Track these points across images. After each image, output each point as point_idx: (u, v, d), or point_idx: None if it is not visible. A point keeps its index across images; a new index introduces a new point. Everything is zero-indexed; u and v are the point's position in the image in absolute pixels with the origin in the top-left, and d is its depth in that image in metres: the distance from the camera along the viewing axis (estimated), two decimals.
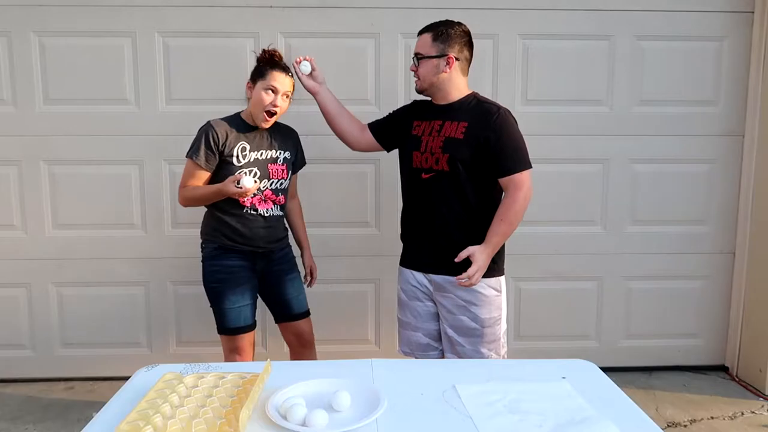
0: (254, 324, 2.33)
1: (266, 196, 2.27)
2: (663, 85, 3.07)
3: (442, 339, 2.18)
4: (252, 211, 2.25)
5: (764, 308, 3.04)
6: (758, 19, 3.03)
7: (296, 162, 2.41)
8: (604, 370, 1.63)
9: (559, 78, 3.03)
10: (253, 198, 2.23)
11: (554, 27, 3.00)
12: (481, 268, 2.01)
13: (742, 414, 2.81)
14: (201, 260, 2.31)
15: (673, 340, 3.26)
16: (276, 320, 2.45)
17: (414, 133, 2.17)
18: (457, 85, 2.11)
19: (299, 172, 2.51)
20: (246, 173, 2.20)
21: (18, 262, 3.03)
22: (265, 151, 2.27)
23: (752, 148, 3.09)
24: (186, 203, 2.27)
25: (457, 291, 2.09)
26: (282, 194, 2.32)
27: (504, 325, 2.16)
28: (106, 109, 2.94)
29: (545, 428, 1.28)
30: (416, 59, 2.12)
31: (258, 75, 2.21)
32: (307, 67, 2.28)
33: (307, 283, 2.54)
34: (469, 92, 2.15)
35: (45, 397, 2.95)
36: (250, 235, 2.25)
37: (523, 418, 1.32)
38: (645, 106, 3.08)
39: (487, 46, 2.95)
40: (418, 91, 2.18)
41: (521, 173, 2.04)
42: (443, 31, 2.07)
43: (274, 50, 2.25)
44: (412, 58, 2.14)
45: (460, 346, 2.11)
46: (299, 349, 2.46)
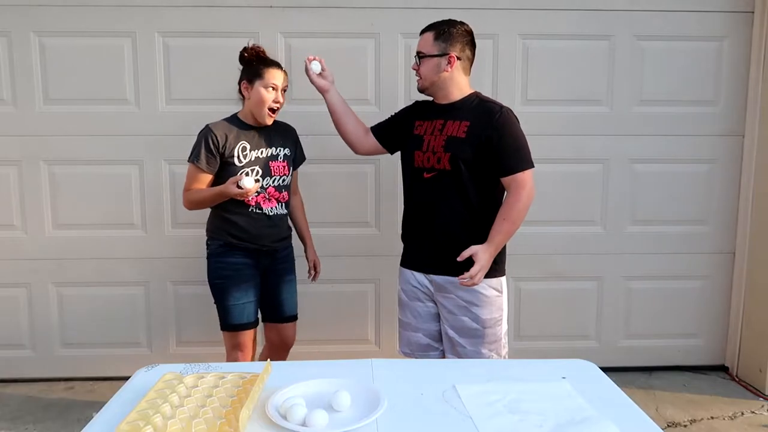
0: (257, 321, 2.37)
1: (269, 193, 2.29)
2: (663, 85, 3.07)
3: (443, 340, 2.18)
4: (257, 210, 2.28)
5: (764, 308, 3.04)
6: (758, 19, 3.03)
7: (296, 158, 2.44)
8: (604, 370, 1.62)
9: (559, 78, 3.03)
10: (257, 196, 2.25)
11: (554, 27, 3.00)
12: (483, 268, 2.00)
13: (742, 414, 2.81)
14: (206, 257, 2.34)
15: (673, 340, 3.26)
16: (263, 319, 2.47)
17: (416, 133, 2.16)
18: (458, 85, 2.11)
19: (300, 172, 2.53)
20: (248, 172, 2.23)
21: (18, 262, 3.03)
22: (265, 149, 2.29)
23: (752, 148, 3.09)
24: (191, 206, 2.31)
25: (457, 291, 2.08)
26: (285, 191, 2.35)
27: (505, 326, 2.16)
28: (106, 109, 2.94)
29: (545, 428, 1.28)
30: (418, 58, 2.12)
31: (254, 75, 2.23)
32: (317, 66, 2.28)
33: (311, 277, 2.58)
34: (471, 91, 2.14)
35: (45, 397, 2.95)
36: (255, 234, 2.28)
37: (523, 418, 1.32)
38: (645, 106, 3.08)
39: (487, 46, 2.95)
40: (420, 90, 2.17)
41: (524, 172, 2.04)
42: (445, 30, 2.07)
43: (258, 46, 2.28)
44: (414, 56, 2.14)
45: (461, 347, 2.11)
46: (278, 350, 2.50)
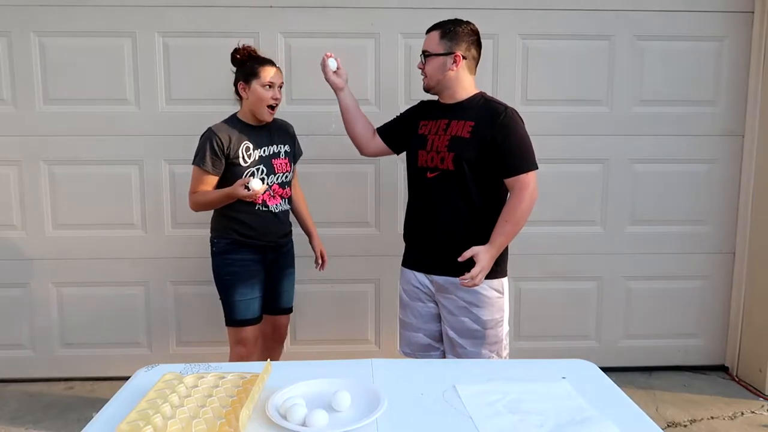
0: (261, 317, 2.41)
1: (274, 190, 2.35)
2: (663, 85, 3.06)
3: (444, 340, 2.17)
4: (263, 208, 2.32)
5: (764, 308, 3.04)
6: (758, 19, 3.03)
7: (295, 154, 2.49)
8: (604, 370, 1.62)
9: (559, 78, 3.03)
10: (263, 194, 2.28)
11: (554, 27, 3.00)
12: (484, 269, 1.98)
13: (742, 414, 2.81)
14: (211, 255, 2.38)
15: (673, 340, 3.26)
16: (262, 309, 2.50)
17: (420, 132, 2.15)
18: (463, 84, 2.10)
19: (300, 172, 2.56)
20: (254, 172, 2.28)
21: (18, 262, 3.03)
22: (267, 147, 2.33)
23: (752, 148, 3.09)
24: (197, 208, 2.34)
25: (458, 292, 2.08)
26: (288, 187, 2.41)
27: (506, 327, 2.15)
28: (106, 109, 2.94)
29: (545, 428, 1.28)
30: (423, 57, 2.11)
31: (250, 74, 2.27)
32: (334, 63, 2.27)
33: (318, 267, 2.63)
34: (477, 91, 2.13)
35: (45, 397, 2.94)
36: (262, 231, 2.33)
37: (524, 418, 1.32)
38: (645, 106, 3.08)
39: (487, 46, 2.92)
40: (426, 90, 2.16)
41: (527, 174, 2.03)
42: (451, 29, 2.06)
43: (249, 46, 2.33)
44: (420, 55, 2.13)
45: (461, 348, 2.10)
46: (271, 342, 2.56)
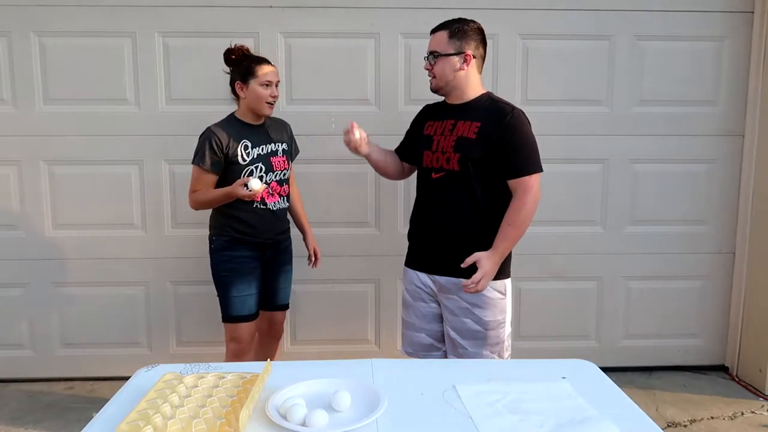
0: (257, 314, 2.43)
1: (272, 188, 2.37)
2: (663, 85, 3.06)
3: (446, 341, 2.17)
4: (261, 206, 2.34)
5: (764, 308, 3.04)
6: (758, 19, 3.02)
7: (292, 152, 2.52)
8: (604, 370, 1.62)
9: (559, 78, 3.03)
10: (262, 192, 2.29)
11: (554, 27, 3.00)
12: (487, 275, 1.98)
13: (742, 414, 2.81)
14: (210, 252, 2.40)
15: (673, 340, 3.26)
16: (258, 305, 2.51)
17: (426, 133, 2.15)
18: (472, 83, 2.09)
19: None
20: (253, 170, 2.30)
21: (18, 262, 3.03)
22: (265, 145, 2.36)
23: (752, 148, 3.09)
24: (197, 207, 2.37)
25: (461, 293, 2.07)
26: (285, 184, 2.44)
27: (508, 328, 2.14)
28: (106, 109, 2.94)
29: (545, 428, 1.28)
30: (432, 58, 2.08)
31: (248, 74, 2.30)
32: (358, 134, 2.13)
33: (311, 263, 2.64)
34: (484, 91, 2.12)
35: (45, 397, 2.94)
36: (260, 228, 2.36)
37: (524, 418, 1.32)
38: (645, 106, 3.08)
39: (487, 47, 2.95)
40: (434, 90, 2.14)
41: (530, 176, 2.02)
42: (459, 29, 2.05)
43: (243, 45, 2.36)
44: (426, 57, 2.10)
45: (463, 349, 2.09)
46: (267, 338, 2.60)
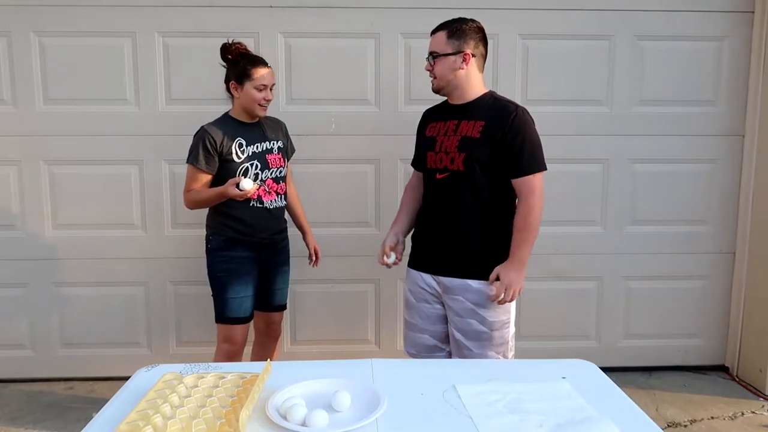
0: (251, 316, 2.42)
1: (269, 186, 2.36)
2: (663, 85, 3.06)
3: (450, 342, 2.16)
4: (258, 204, 2.33)
5: (764, 308, 3.04)
6: (758, 19, 3.02)
7: (287, 150, 2.51)
8: (604, 370, 1.62)
9: (559, 78, 3.03)
10: (258, 189, 2.29)
11: (554, 27, 3.00)
12: (511, 284, 1.99)
13: (743, 414, 2.81)
14: (206, 252, 2.39)
15: (673, 340, 3.26)
16: (254, 306, 2.49)
17: (429, 135, 2.15)
18: (473, 82, 2.08)
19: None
20: (248, 168, 2.29)
21: (18, 262, 3.03)
22: (260, 143, 2.35)
23: (752, 148, 3.09)
24: (192, 206, 2.37)
25: (465, 294, 2.06)
26: (282, 182, 2.42)
27: (513, 329, 2.14)
28: (106, 109, 2.94)
29: (545, 428, 1.28)
30: (431, 58, 2.08)
31: (243, 75, 2.28)
32: (393, 258, 2.21)
33: (312, 262, 2.63)
34: (486, 90, 2.12)
35: (45, 397, 2.94)
36: (257, 227, 2.35)
37: (524, 418, 1.32)
38: (645, 106, 3.08)
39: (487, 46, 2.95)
40: (435, 91, 2.14)
41: (534, 175, 2.04)
42: (458, 28, 2.05)
43: (240, 43, 2.30)
44: (427, 58, 2.11)
45: (468, 350, 2.09)
46: (265, 339, 2.60)
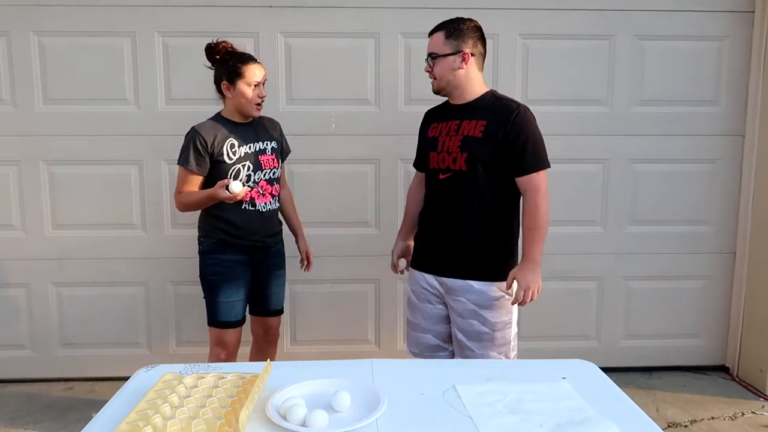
0: (244, 319, 2.40)
1: (262, 187, 2.32)
2: (663, 85, 3.06)
3: (453, 342, 2.16)
4: (250, 207, 2.29)
5: (764, 308, 3.04)
6: (758, 19, 3.02)
7: (282, 150, 2.47)
8: (604, 370, 1.62)
9: (559, 78, 3.03)
10: (250, 191, 2.26)
11: (554, 27, 3.00)
12: (529, 285, 2.00)
13: (743, 414, 2.81)
14: (198, 254, 2.35)
15: (673, 340, 3.26)
16: (250, 311, 2.49)
17: (431, 135, 2.15)
18: (473, 82, 2.08)
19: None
20: (240, 168, 2.25)
21: (18, 262, 3.02)
22: (253, 144, 2.31)
23: (752, 148, 3.09)
24: (183, 208, 2.33)
25: (467, 294, 2.06)
26: (276, 184, 2.38)
27: (515, 329, 2.14)
28: (106, 109, 2.94)
29: (545, 428, 1.28)
30: (430, 59, 2.09)
31: (234, 74, 2.23)
32: (403, 265, 2.43)
33: (303, 266, 2.60)
34: (487, 89, 2.12)
35: (45, 397, 2.94)
36: (248, 230, 2.30)
37: (524, 418, 1.32)
38: (645, 106, 3.08)
39: (487, 45, 2.95)
40: (435, 92, 2.14)
41: (538, 174, 2.03)
42: (455, 28, 2.05)
43: (226, 42, 2.26)
44: (426, 59, 2.11)
45: (470, 351, 2.09)
46: (263, 344, 2.56)
